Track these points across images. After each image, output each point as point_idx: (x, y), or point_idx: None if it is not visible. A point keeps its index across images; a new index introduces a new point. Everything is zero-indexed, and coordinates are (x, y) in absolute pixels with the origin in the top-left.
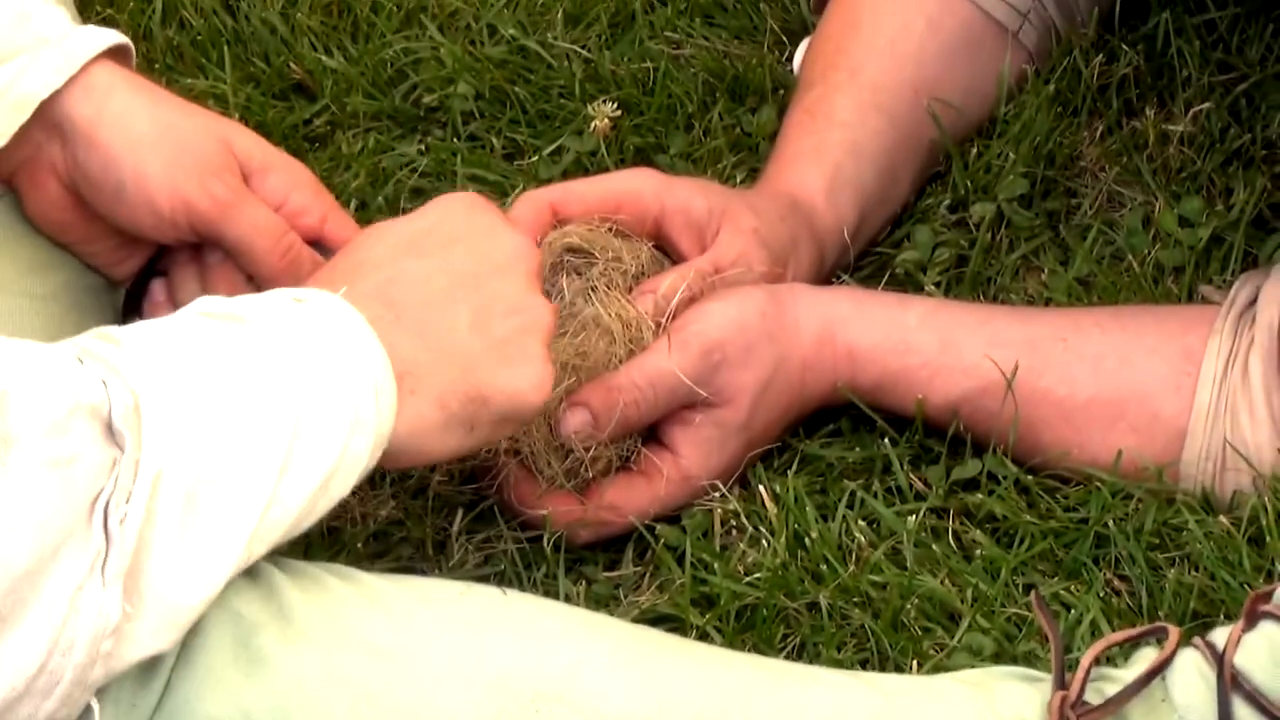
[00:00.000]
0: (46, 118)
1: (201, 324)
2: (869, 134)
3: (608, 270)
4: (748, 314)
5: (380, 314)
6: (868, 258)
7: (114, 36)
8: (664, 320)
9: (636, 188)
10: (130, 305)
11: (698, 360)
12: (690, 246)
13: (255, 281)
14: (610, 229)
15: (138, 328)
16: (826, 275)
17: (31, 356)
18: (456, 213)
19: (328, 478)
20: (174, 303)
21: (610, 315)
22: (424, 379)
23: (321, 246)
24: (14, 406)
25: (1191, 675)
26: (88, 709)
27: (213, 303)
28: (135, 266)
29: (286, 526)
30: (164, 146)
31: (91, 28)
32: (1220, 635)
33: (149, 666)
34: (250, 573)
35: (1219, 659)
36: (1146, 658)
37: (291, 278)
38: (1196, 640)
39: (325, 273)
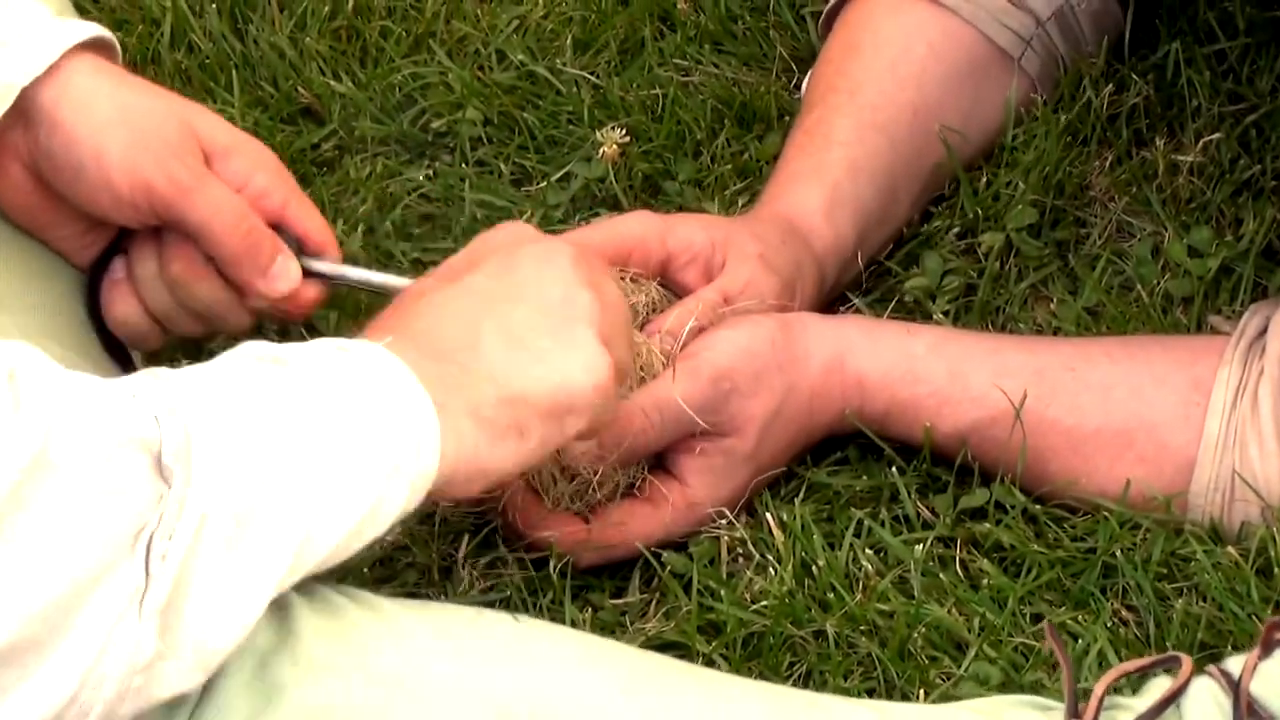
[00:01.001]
0: (13, 103)
1: (249, 367)
2: (867, 153)
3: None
4: (758, 342)
5: (403, 348)
6: (876, 283)
7: (93, 29)
8: (674, 350)
9: (640, 234)
10: (91, 284)
11: (707, 388)
12: (697, 282)
13: (215, 262)
14: (619, 275)
15: (188, 370)
16: (829, 295)
17: (84, 388)
18: (488, 239)
19: (361, 523)
20: (132, 279)
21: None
22: (451, 394)
23: (283, 230)
24: (61, 434)
25: (1207, 703)
26: None
27: (259, 348)
28: (99, 251)
29: (315, 566)
30: (124, 127)
31: (72, 20)
32: (1235, 664)
33: (173, 704)
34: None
35: (1234, 687)
36: (1159, 687)
37: (251, 260)
38: (1211, 668)
39: (374, 323)
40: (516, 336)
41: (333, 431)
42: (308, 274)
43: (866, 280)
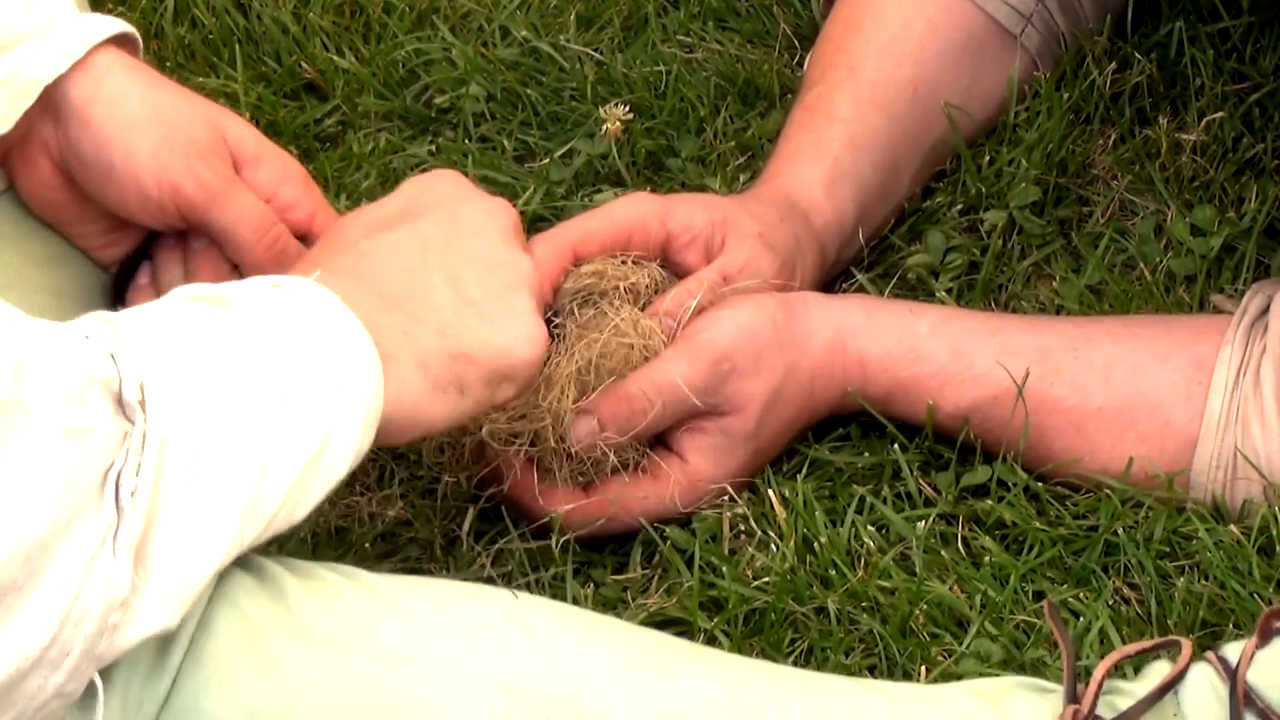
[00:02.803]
0: (43, 98)
1: (188, 307)
2: (867, 129)
3: (620, 291)
4: (758, 322)
5: (353, 289)
6: (879, 259)
7: (119, 25)
8: (675, 329)
9: (640, 216)
10: (116, 289)
11: (707, 368)
12: (698, 262)
13: (239, 270)
14: (620, 259)
15: (131, 311)
16: (831, 272)
17: (43, 331)
18: (428, 187)
19: (317, 453)
20: (157, 287)
21: (624, 328)
22: (402, 344)
23: (308, 243)
24: (29, 375)
25: (1204, 690)
26: (92, 690)
27: (195, 288)
28: (123, 251)
29: (278, 503)
30: (155, 128)
31: (97, 15)
32: (1233, 650)
33: (156, 664)
34: (259, 574)
35: (1232, 675)
36: (1158, 670)
37: (276, 268)
38: (1209, 655)
39: (304, 259)
40: (466, 294)
41: (275, 364)
42: None
43: (869, 256)
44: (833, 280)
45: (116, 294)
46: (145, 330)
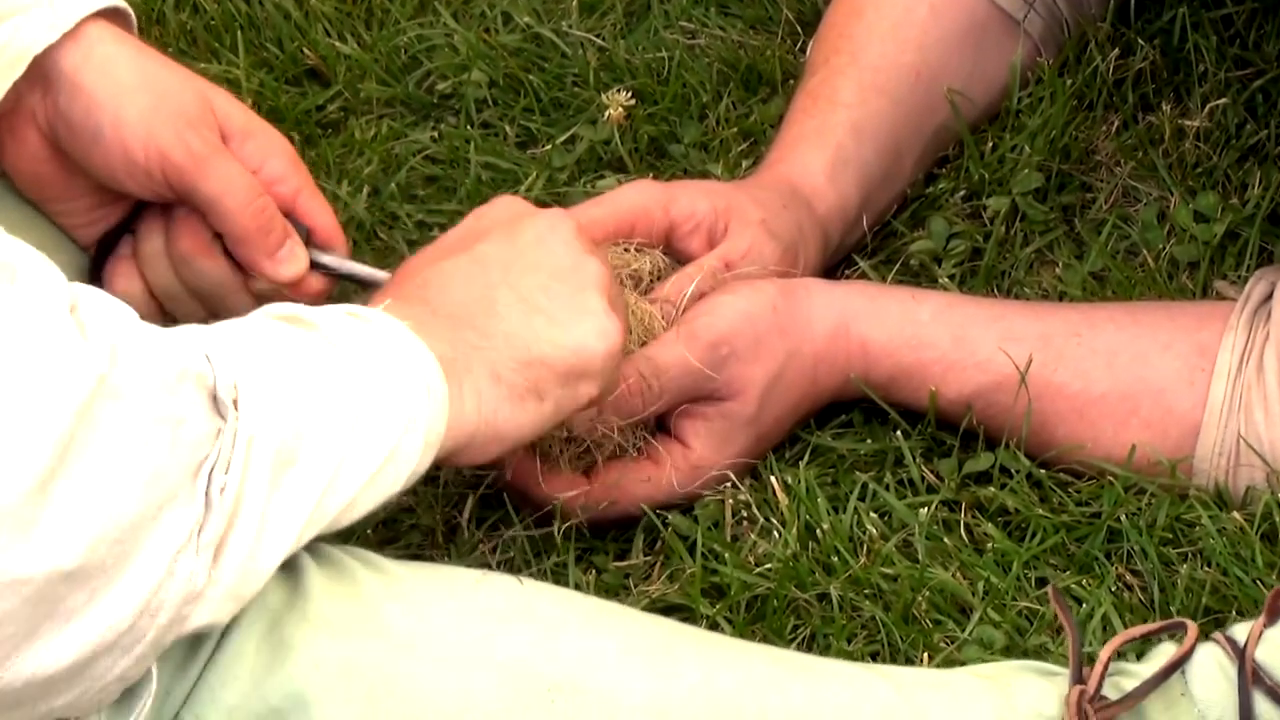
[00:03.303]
0: (33, 68)
1: (274, 324)
2: (870, 114)
3: (622, 278)
4: (757, 307)
5: (422, 315)
6: (882, 244)
7: None
8: (675, 314)
9: (643, 204)
10: (95, 264)
11: (705, 353)
12: (701, 249)
13: (222, 240)
14: (624, 246)
15: (220, 324)
16: (834, 258)
17: (140, 324)
18: (484, 214)
19: (377, 472)
20: (138, 257)
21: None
22: (473, 359)
23: (293, 219)
24: (125, 359)
25: (1212, 669)
26: (146, 673)
27: (280, 307)
28: (106, 229)
29: (336, 511)
30: (144, 95)
31: None
32: (1240, 631)
33: (189, 655)
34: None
35: (1240, 654)
36: (1163, 653)
37: (260, 239)
38: (1216, 635)
39: (377, 294)
40: (532, 302)
41: (352, 383)
42: (314, 265)
43: (872, 242)
44: (835, 266)
45: (95, 268)
46: (236, 338)
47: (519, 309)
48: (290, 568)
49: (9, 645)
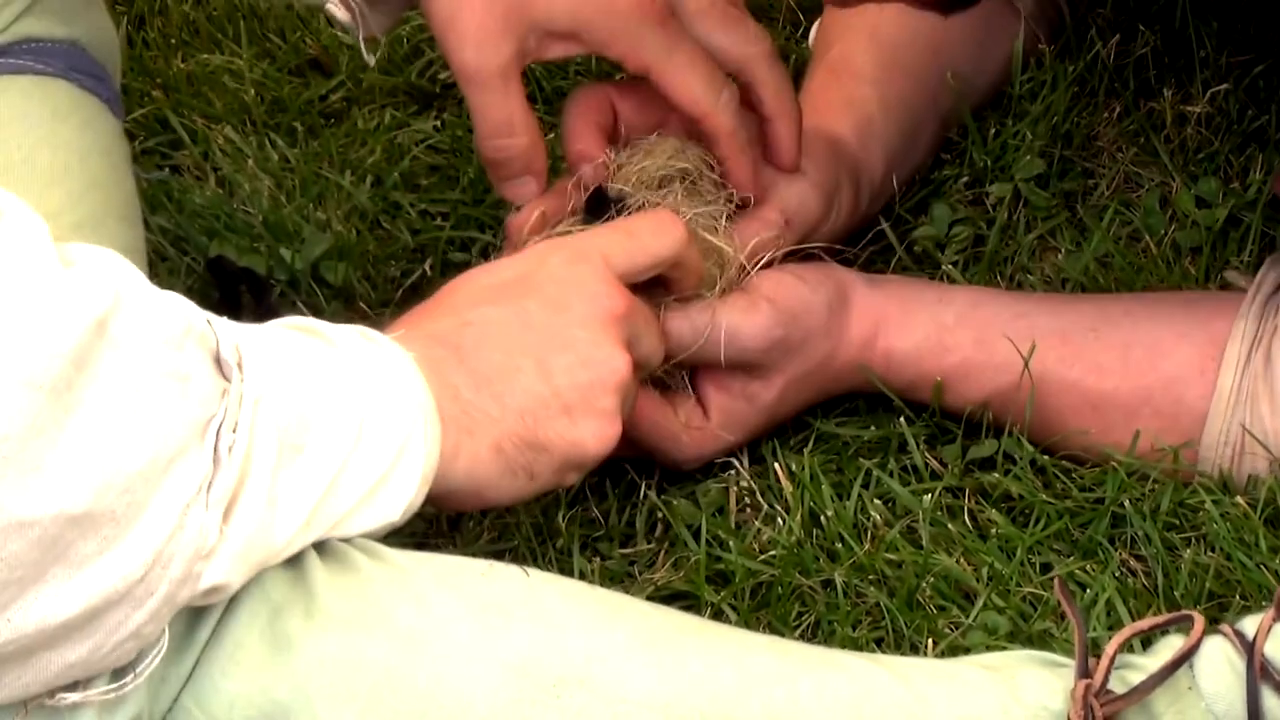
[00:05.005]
0: None
1: (281, 329)
2: (895, 91)
3: (704, 185)
4: (818, 303)
5: (442, 356)
6: (881, 233)
7: None
8: (748, 269)
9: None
10: None
11: (761, 331)
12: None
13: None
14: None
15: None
16: (855, 225)
17: (145, 282)
18: (549, 262)
19: (376, 486)
20: None
21: (713, 241)
22: (481, 421)
23: None
24: (128, 307)
25: (1219, 663)
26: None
27: (293, 319)
28: None
29: (335, 521)
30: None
31: None
32: (1249, 624)
33: (183, 641)
34: None
35: (1249, 648)
36: (1169, 645)
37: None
38: (1224, 628)
39: (414, 312)
40: (553, 384)
41: (357, 389)
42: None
43: (872, 230)
44: (858, 225)
45: None
46: (238, 328)
47: (540, 387)
48: (293, 559)
49: (17, 588)
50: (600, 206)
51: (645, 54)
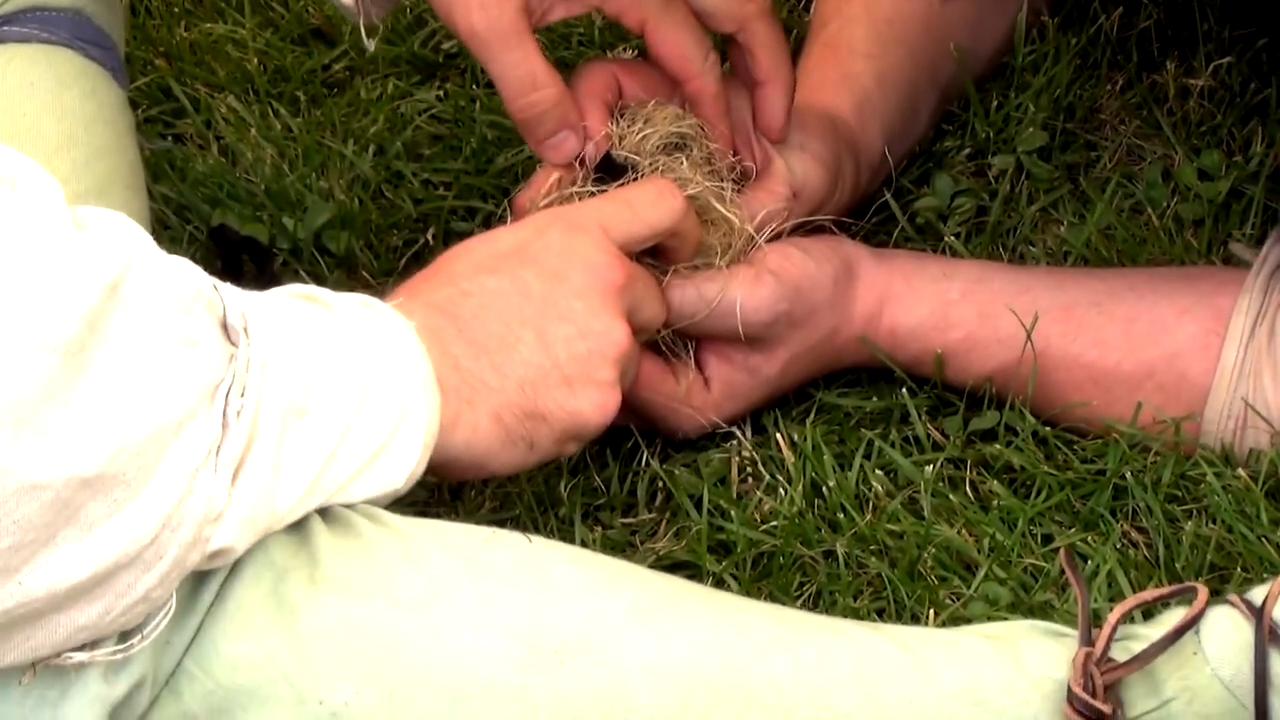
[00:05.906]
0: None
1: (288, 298)
2: (891, 66)
3: (706, 152)
4: (825, 277)
5: (442, 325)
6: (884, 203)
7: None
8: (758, 240)
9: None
10: None
11: (767, 304)
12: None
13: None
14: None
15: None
16: (856, 201)
17: (156, 249)
18: (547, 232)
19: (378, 452)
20: None
21: (722, 210)
22: (480, 391)
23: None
24: (139, 271)
25: (1226, 629)
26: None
27: (296, 286)
28: None
29: (337, 486)
30: None
31: None
32: (1257, 593)
33: (186, 605)
34: None
35: (1258, 612)
36: (1173, 616)
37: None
38: (1231, 597)
39: (412, 280)
40: (553, 354)
41: (363, 356)
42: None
43: (875, 201)
44: (858, 201)
45: None
46: (244, 294)
47: (540, 358)
48: (297, 524)
49: (28, 550)
50: (615, 170)
51: (644, 6)
